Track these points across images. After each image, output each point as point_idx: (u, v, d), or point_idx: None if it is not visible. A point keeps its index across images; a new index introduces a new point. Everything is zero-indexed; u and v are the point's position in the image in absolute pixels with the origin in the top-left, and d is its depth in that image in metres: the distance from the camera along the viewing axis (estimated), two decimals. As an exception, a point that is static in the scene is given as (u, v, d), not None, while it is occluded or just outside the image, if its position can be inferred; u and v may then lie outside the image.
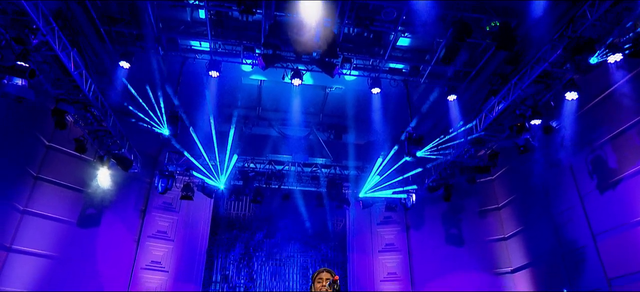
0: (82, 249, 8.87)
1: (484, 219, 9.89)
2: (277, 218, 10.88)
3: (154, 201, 10.32)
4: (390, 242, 10.89)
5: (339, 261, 10.91)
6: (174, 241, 10.29)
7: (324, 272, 3.11)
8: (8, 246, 7.96)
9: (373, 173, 9.84)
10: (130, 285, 9.50)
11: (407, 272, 10.44)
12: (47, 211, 8.55)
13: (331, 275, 3.10)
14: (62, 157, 8.76)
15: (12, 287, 7.86)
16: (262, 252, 10.70)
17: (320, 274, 3.08)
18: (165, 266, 10.00)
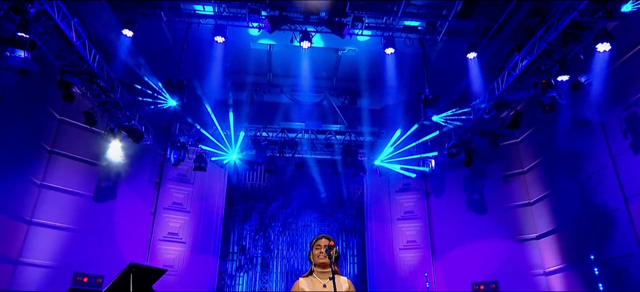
0: (100, 221, 9.16)
1: (508, 184, 9.63)
2: (292, 187, 10.94)
3: (168, 172, 10.52)
4: (409, 210, 10.82)
5: (357, 229, 10.95)
6: (190, 212, 10.51)
7: (322, 238, 3.06)
8: (28, 219, 8.30)
9: (390, 143, 9.70)
10: (149, 256, 9.82)
11: (427, 240, 10.39)
12: (64, 185, 8.82)
13: (328, 241, 3.05)
14: (74, 131, 8.96)
15: (34, 258, 8.25)
16: (278, 222, 10.83)
17: (318, 241, 3.04)
18: (182, 237, 10.27)
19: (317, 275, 3.00)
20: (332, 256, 2.97)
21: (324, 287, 2.93)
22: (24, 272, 8.10)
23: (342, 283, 2.99)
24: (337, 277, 3.01)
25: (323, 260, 2.95)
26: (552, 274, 8.53)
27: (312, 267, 2.92)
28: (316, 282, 2.96)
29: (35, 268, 8.23)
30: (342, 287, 2.97)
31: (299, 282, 3.01)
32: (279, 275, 10.41)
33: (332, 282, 2.96)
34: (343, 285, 2.98)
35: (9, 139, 7.59)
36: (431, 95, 7.92)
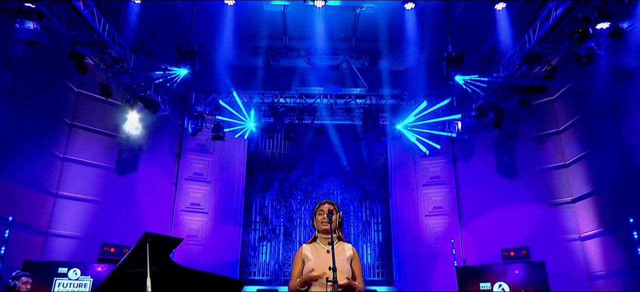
0: (123, 193, 9.48)
1: (542, 145, 9.23)
2: (312, 155, 10.92)
3: (187, 143, 10.70)
4: (435, 175, 10.64)
5: (381, 196, 10.89)
6: (211, 182, 10.72)
7: (325, 204, 3.01)
8: (54, 192, 8.68)
9: (414, 113, 9.45)
10: (172, 227, 10.14)
11: (455, 205, 10.23)
12: (85, 158, 9.13)
13: (333, 206, 2.99)
14: (92, 104, 9.18)
15: (62, 230, 8.68)
16: (299, 190, 10.90)
17: (321, 206, 2.99)
18: (204, 208, 10.53)
19: (321, 241, 2.96)
20: (335, 221, 2.91)
21: (327, 253, 2.89)
22: (54, 243, 8.56)
23: (345, 249, 2.95)
24: (341, 244, 2.97)
25: (326, 226, 2.90)
26: (588, 239, 8.24)
27: (315, 233, 2.88)
28: (320, 248, 2.92)
29: (64, 239, 8.66)
30: (345, 253, 2.92)
31: (303, 248, 2.99)
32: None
33: (335, 248, 2.92)
34: (347, 251, 2.94)
35: (29, 113, 7.86)
36: (455, 52, 7.56)
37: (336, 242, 2.96)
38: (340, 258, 2.86)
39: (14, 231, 7.39)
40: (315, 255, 2.84)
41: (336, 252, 2.91)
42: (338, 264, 2.78)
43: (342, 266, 2.77)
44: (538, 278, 7.05)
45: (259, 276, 10.40)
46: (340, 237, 2.99)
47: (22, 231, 7.73)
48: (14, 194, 7.58)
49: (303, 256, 2.92)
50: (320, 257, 2.84)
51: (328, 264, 2.79)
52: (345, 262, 2.82)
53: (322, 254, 2.89)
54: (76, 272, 7.41)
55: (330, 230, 2.90)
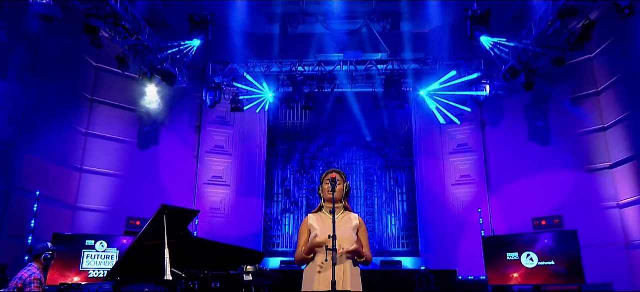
0: (145, 167, 9.76)
1: (578, 107, 8.82)
2: (333, 124, 10.87)
3: (207, 115, 10.84)
4: (462, 143, 10.40)
5: (405, 165, 10.78)
6: (232, 155, 10.88)
7: (332, 173, 2.99)
8: (79, 167, 9.03)
9: (440, 82, 9.18)
10: (195, 200, 10.41)
11: (483, 174, 10.01)
12: (108, 133, 9.41)
13: (339, 175, 2.97)
14: (111, 78, 9.38)
15: (89, 204, 9.06)
16: (320, 161, 10.91)
17: (328, 175, 2.97)
18: (226, 180, 10.73)
19: (327, 211, 2.95)
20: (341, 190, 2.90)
21: None
22: (83, 217, 8.96)
23: (352, 219, 2.94)
24: (347, 213, 2.96)
25: (331, 195, 2.88)
26: (628, 206, 7.91)
27: (321, 203, 2.87)
28: (325, 217, 2.92)
29: (91, 213, 9.05)
30: (351, 222, 2.91)
31: (309, 218, 3.00)
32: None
33: (341, 217, 2.91)
34: (353, 221, 2.93)
35: (50, 89, 8.11)
36: (480, 11, 7.22)
37: (342, 212, 2.96)
38: (346, 228, 2.85)
39: (43, 205, 7.78)
40: (320, 224, 2.84)
41: (342, 222, 2.91)
42: (343, 234, 2.78)
43: (347, 235, 2.77)
44: (569, 247, 6.86)
45: (282, 247, 10.60)
46: (347, 207, 2.98)
47: (51, 205, 8.12)
48: (41, 170, 7.93)
49: (309, 226, 2.94)
50: (326, 226, 2.84)
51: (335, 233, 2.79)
52: (351, 232, 2.82)
53: (328, 223, 2.89)
54: (103, 245, 7.76)
55: (336, 198, 2.90)
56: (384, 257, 9.98)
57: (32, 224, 7.41)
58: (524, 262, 7.05)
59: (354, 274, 2.74)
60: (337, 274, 2.69)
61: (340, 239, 2.77)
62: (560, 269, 6.83)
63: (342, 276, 2.70)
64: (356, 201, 10.68)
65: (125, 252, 5.03)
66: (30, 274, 4.58)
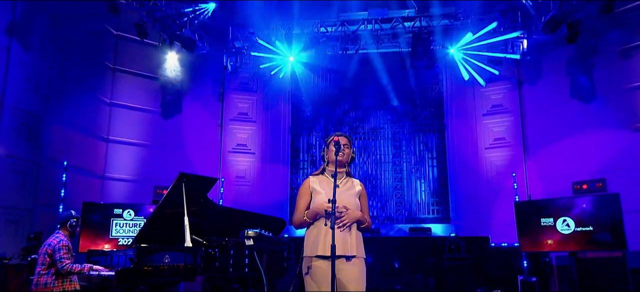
0: (170, 136, 10.04)
1: (627, 60, 8.29)
2: (358, 88, 10.74)
3: (230, 82, 10.95)
4: (497, 103, 10.06)
5: (435, 129, 10.59)
6: (256, 122, 11.00)
7: (339, 136, 2.97)
8: (106, 137, 9.40)
9: (476, 36, 8.81)
10: (221, 168, 10.67)
11: (519, 135, 9.69)
12: (131, 102, 9.70)
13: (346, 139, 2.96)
14: (132, 46, 9.58)
15: (116, 173, 9.47)
16: (346, 127, 10.87)
17: (334, 138, 2.95)
18: (251, 148, 10.90)
19: (329, 174, 2.95)
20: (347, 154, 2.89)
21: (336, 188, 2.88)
22: (111, 186, 9.39)
23: (354, 185, 2.94)
24: (350, 179, 2.98)
25: (340, 158, 2.90)
26: (680, 167, 7.49)
27: (324, 165, 2.87)
28: (328, 181, 2.93)
29: (119, 182, 9.47)
30: (354, 188, 2.91)
31: (310, 180, 3.02)
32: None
33: (344, 182, 2.92)
34: (356, 187, 2.93)
35: (72, 60, 8.39)
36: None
37: (345, 177, 2.96)
38: (349, 193, 2.86)
39: (71, 175, 8.20)
40: (324, 187, 2.86)
41: (345, 187, 2.92)
42: (347, 199, 2.80)
43: (350, 201, 2.79)
44: (610, 212, 6.59)
45: (308, 214, 10.77)
46: (349, 173, 2.98)
47: (80, 174, 8.54)
48: (68, 140, 8.31)
49: (310, 188, 2.95)
50: (329, 190, 2.85)
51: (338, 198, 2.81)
52: (354, 198, 2.82)
53: (331, 187, 2.89)
54: (130, 213, 8.14)
55: (342, 163, 2.91)
56: (413, 224, 9.97)
57: (62, 193, 7.84)
58: (559, 228, 6.85)
59: (358, 238, 2.76)
60: (344, 237, 2.72)
61: (344, 203, 2.78)
62: (600, 235, 6.60)
63: (349, 239, 2.72)
64: (384, 167, 10.63)
65: (147, 220, 5.27)
66: (59, 241, 4.88)
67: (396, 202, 10.40)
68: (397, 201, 10.41)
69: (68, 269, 4.77)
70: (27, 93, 7.49)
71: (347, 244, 2.71)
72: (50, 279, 4.76)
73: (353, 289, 2.70)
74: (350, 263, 2.72)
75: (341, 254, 2.71)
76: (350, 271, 2.71)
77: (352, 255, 2.71)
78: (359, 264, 2.74)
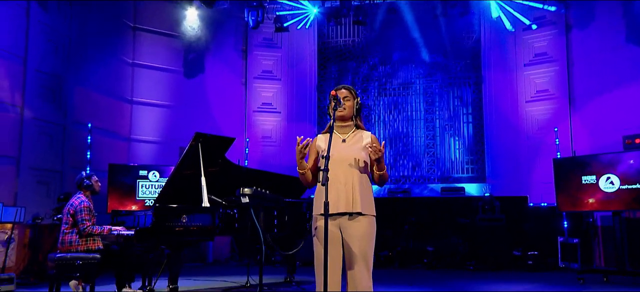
0: (193, 96, 10.24)
1: (693, -2, 7.62)
2: (387, 40, 10.46)
3: (253, 38, 10.94)
4: (541, 52, 9.56)
5: (471, 82, 10.24)
6: (281, 79, 11.01)
7: (341, 89, 2.94)
8: (130, 98, 9.70)
9: None
10: (246, 128, 10.83)
11: (565, 87, 9.22)
12: (153, 62, 9.91)
13: (349, 91, 2.91)
14: (152, 3, 9.70)
15: (141, 135, 9.81)
16: (374, 82, 10.71)
17: (337, 92, 2.91)
18: (276, 107, 10.97)
19: (337, 130, 2.92)
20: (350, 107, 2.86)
21: (342, 143, 2.87)
22: (137, 148, 9.76)
23: (364, 137, 2.90)
24: (359, 132, 2.94)
25: (341, 112, 2.85)
26: None
27: (330, 122, 2.85)
28: (335, 137, 2.90)
29: (145, 144, 9.82)
30: (362, 141, 2.87)
31: (317, 138, 3.01)
32: (381, 142, 10.55)
33: (352, 136, 2.90)
34: (364, 139, 2.88)
35: (92, 19, 8.58)
36: None
37: (353, 130, 2.93)
38: (356, 147, 2.84)
39: (97, 137, 8.57)
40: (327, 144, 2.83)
41: (353, 141, 2.89)
42: (353, 153, 2.78)
43: (357, 155, 2.76)
44: (661, 168, 6.23)
45: (337, 174, 10.83)
46: (359, 126, 2.94)
47: (105, 136, 8.90)
48: (92, 102, 8.62)
49: (316, 147, 2.95)
50: (334, 146, 2.83)
51: (342, 153, 2.80)
52: (361, 151, 2.79)
53: (337, 142, 2.87)
54: (155, 175, 8.46)
55: (344, 117, 2.88)
56: (446, 183, 9.86)
57: (88, 155, 8.23)
58: (602, 185, 6.56)
59: (364, 194, 2.74)
60: (347, 194, 2.72)
61: (349, 158, 2.76)
62: (648, 193, 6.29)
63: (352, 195, 2.72)
64: (415, 124, 10.45)
65: (166, 182, 5.47)
66: (80, 202, 5.15)
67: (428, 161, 10.27)
68: (429, 159, 10.27)
69: (89, 231, 5.05)
70: (49, 55, 7.77)
71: (350, 200, 2.71)
72: (75, 238, 5.06)
73: (358, 247, 2.71)
74: (355, 220, 2.72)
75: (344, 211, 2.72)
76: (355, 228, 2.72)
77: (356, 212, 2.71)
78: (365, 221, 2.73)
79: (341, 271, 2.78)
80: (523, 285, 6.30)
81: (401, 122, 10.50)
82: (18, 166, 7.22)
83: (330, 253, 2.72)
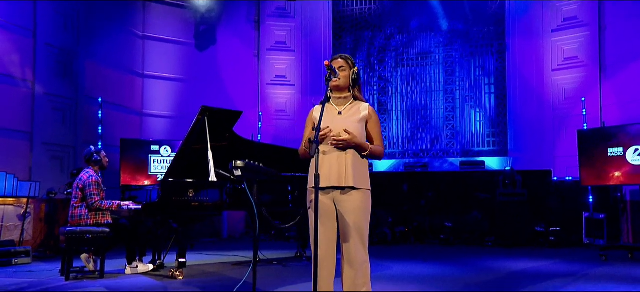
0: (205, 69, 10.31)
1: None
2: (406, 6, 10.25)
3: (265, 8, 10.89)
4: (570, 16, 9.23)
5: (494, 50, 9.99)
6: (295, 51, 10.97)
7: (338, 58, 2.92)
8: (141, 72, 9.84)
9: None
10: (259, 102, 10.88)
11: (595, 53, 8.90)
12: (164, 34, 9.98)
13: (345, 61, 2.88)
14: (161, -27, 9.73)
15: (153, 110, 9.96)
16: (391, 52, 10.55)
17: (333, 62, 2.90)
18: (290, 80, 10.96)
19: (334, 101, 2.92)
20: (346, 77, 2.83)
21: (338, 115, 2.86)
22: (150, 123, 9.93)
23: (361, 109, 2.88)
24: (356, 103, 2.92)
25: (336, 83, 2.83)
26: None
27: (327, 92, 2.84)
28: (331, 109, 2.90)
29: (157, 118, 9.98)
30: (359, 113, 2.85)
31: (314, 109, 3.01)
32: (398, 114, 10.51)
33: (349, 108, 2.89)
34: (361, 111, 2.87)
35: (103, -8, 8.69)
36: None
37: (350, 102, 2.92)
38: (352, 119, 2.82)
39: (109, 112, 8.75)
40: (325, 116, 2.84)
41: (349, 113, 2.88)
42: (348, 126, 2.77)
43: (352, 127, 2.75)
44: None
45: (352, 149, 10.84)
46: (357, 97, 2.92)
47: (117, 111, 9.08)
48: (103, 76, 8.77)
49: (313, 118, 2.96)
50: (328, 117, 2.84)
51: (337, 125, 2.80)
52: (356, 124, 2.78)
53: (333, 115, 2.87)
54: (167, 150, 8.62)
55: (339, 87, 2.86)
56: (467, 157, 9.75)
57: (99, 130, 8.43)
58: (630, 158, 6.37)
59: (357, 168, 2.74)
60: (339, 167, 2.72)
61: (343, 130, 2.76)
62: (680, 166, 6.09)
63: (345, 169, 2.73)
64: (434, 96, 10.30)
65: (174, 157, 5.58)
66: (88, 177, 5.32)
67: (448, 134, 10.14)
68: (449, 132, 10.15)
69: (98, 206, 5.22)
70: (58, 28, 7.90)
71: (342, 174, 2.72)
72: (84, 212, 5.25)
73: (352, 220, 2.73)
74: (348, 194, 2.74)
75: (336, 185, 2.74)
76: (349, 202, 2.73)
77: (348, 186, 2.72)
78: (358, 195, 2.74)
79: (336, 244, 2.81)
80: (540, 261, 6.25)
81: (419, 93, 10.36)
82: (31, 141, 7.47)
83: (325, 226, 2.76)
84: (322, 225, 2.74)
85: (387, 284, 4.69)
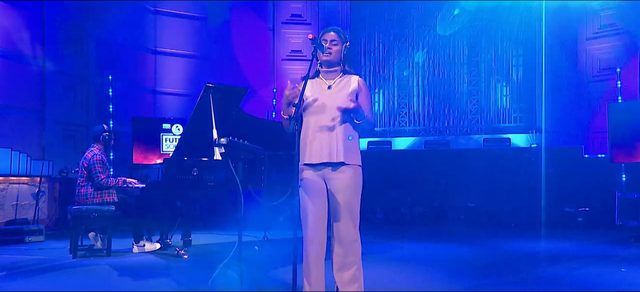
0: (219, 44, 10.37)
1: None
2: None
3: (280, -21, 10.82)
4: (608, -19, 8.83)
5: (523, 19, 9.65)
6: (311, 24, 10.87)
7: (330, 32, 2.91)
8: (153, 49, 9.97)
9: None
10: (275, 78, 10.89)
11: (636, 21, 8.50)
12: (176, 8, 10.05)
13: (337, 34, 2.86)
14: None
15: (166, 87, 10.11)
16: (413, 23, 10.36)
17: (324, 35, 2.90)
18: (306, 54, 10.88)
19: (323, 75, 2.91)
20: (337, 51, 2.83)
21: (328, 90, 2.85)
22: (163, 101, 10.09)
23: (351, 82, 2.86)
24: (346, 77, 2.92)
25: (327, 57, 2.82)
26: None
27: (317, 66, 2.84)
28: (321, 83, 2.89)
29: (170, 96, 10.13)
30: (349, 87, 2.84)
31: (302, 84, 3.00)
32: (419, 89, 10.36)
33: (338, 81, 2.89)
34: (351, 84, 2.85)
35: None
36: None
37: (340, 75, 2.90)
38: (341, 94, 2.81)
39: (121, 90, 8.93)
40: (314, 91, 2.84)
41: (338, 87, 2.87)
42: (338, 100, 2.76)
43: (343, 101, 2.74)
44: None
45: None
46: (348, 71, 2.91)
47: (128, 89, 9.24)
48: (114, 53, 8.92)
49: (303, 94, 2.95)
50: (319, 92, 2.84)
51: (327, 100, 2.79)
52: (347, 97, 2.76)
53: (323, 88, 2.87)
54: (179, 128, 8.75)
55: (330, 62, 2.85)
56: (492, 134, 9.56)
57: (110, 108, 8.62)
58: (666, 134, 6.14)
59: (347, 143, 2.73)
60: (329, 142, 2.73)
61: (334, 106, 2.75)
62: None
63: (335, 144, 2.73)
64: (457, 69, 10.09)
65: (180, 135, 5.68)
66: (93, 155, 5.47)
67: (472, 110, 9.95)
68: (473, 108, 9.95)
69: (104, 184, 5.37)
70: (68, 4, 8.04)
71: (333, 150, 2.72)
72: (90, 191, 5.42)
73: (342, 198, 2.74)
74: (339, 171, 2.75)
75: (326, 161, 2.74)
76: (340, 179, 2.74)
77: (339, 162, 2.73)
78: (349, 171, 2.74)
79: (326, 222, 2.83)
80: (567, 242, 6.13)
81: (441, 67, 10.17)
82: (43, 120, 7.70)
83: (315, 204, 2.78)
84: (312, 203, 2.76)
85: (388, 267, 4.68)
